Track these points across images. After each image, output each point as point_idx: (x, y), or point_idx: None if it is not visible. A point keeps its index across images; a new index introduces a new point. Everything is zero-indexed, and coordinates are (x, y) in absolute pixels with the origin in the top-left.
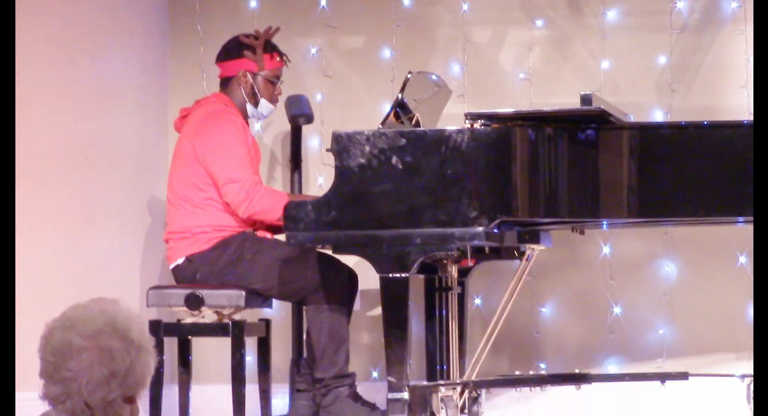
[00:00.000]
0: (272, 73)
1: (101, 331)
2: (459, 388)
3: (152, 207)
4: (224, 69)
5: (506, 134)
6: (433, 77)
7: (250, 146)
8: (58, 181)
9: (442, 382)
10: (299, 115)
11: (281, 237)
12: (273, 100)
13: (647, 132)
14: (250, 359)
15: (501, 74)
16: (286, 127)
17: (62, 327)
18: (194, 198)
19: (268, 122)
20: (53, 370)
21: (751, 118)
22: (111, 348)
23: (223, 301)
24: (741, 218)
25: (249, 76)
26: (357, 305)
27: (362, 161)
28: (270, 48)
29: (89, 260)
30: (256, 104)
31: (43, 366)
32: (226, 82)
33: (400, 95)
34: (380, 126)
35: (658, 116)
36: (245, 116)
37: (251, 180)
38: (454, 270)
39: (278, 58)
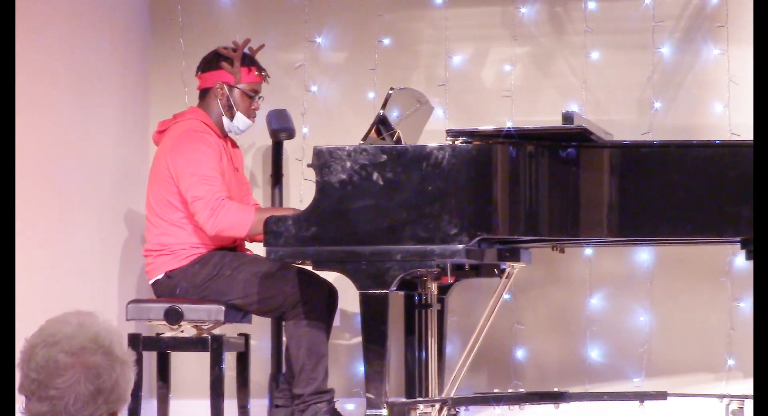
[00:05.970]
0: (249, 87)
1: (86, 347)
2: (438, 405)
3: (130, 220)
4: (202, 81)
5: (487, 152)
6: (415, 93)
7: (225, 166)
8: (37, 192)
9: (420, 399)
10: (281, 129)
11: (261, 252)
12: (250, 114)
13: (628, 151)
14: (229, 374)
15: (483, 91)
16: (268, 141)
17: (45, 343)
18: (171, 217)
19: (249, 137)
20: (37, 388)
21: (732, 137)
22: (97, 365)
23: (202, 315)
24: (722, 239)
25: (225, 87)
26: (336, 321)
27: (343, 176)
28: (248, 62)
29: (67, 272)
30: (231, 117)
31: (26, 383)
32: (204, 95)
33: (381, 111)
34: (361, 142)
35: (639, 135)
36: (222, 131)
37: (216, 197)
38: (433, 287)
39: (256, 73)
